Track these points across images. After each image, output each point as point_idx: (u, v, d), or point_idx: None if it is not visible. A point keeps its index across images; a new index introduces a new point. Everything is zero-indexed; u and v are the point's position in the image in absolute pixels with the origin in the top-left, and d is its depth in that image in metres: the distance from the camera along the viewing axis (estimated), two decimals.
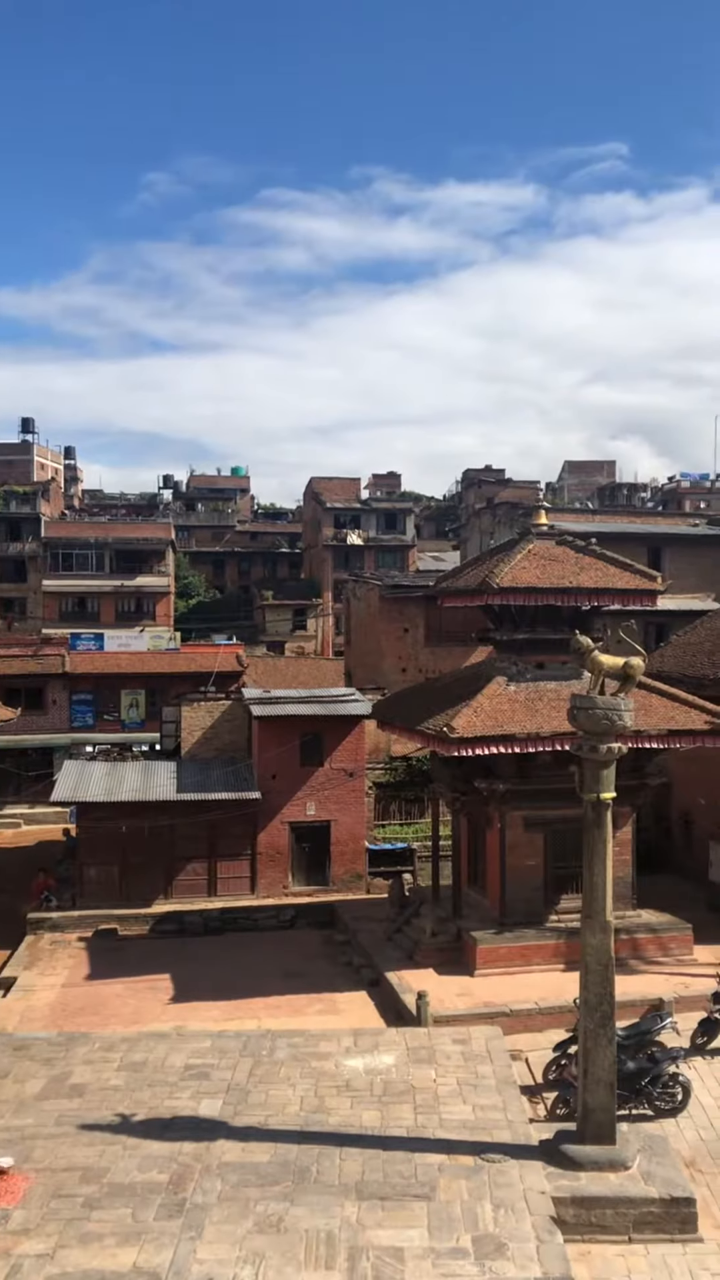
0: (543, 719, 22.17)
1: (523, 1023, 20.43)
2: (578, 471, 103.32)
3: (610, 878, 14.75)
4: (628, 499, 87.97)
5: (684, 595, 38.12)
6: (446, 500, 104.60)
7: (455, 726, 21.58)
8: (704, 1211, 13.96)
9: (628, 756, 17.26)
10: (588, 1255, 13.12)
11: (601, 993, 14.61)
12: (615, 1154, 14.28)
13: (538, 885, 23.66)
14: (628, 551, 28.04)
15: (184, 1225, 12.46)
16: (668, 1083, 16.88)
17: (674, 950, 23.44)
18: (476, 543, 51.23)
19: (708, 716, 23.06)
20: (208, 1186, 13.32)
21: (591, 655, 15.21)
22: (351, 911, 28.19)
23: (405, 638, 42.01)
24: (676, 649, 31.70)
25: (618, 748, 14.69)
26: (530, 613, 23.83)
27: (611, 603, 24.12)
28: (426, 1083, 16.40)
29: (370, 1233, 12.33)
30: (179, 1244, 12.09)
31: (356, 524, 76.08)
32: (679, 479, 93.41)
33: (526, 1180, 13.53)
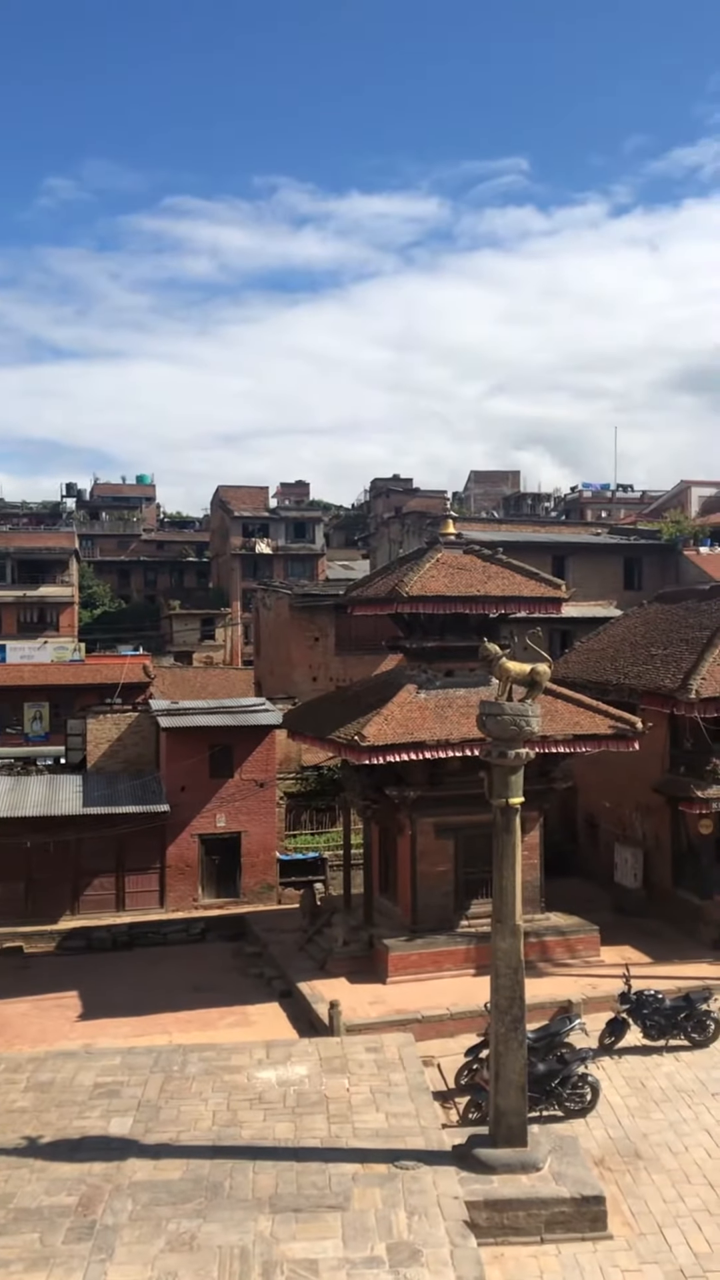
0: (452, 726, 22.37)
1: (435, 1029, 20.53)
2: (483, 481, 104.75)
3: (519, 882, 14.95)
4: (532, 509, 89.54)
5: (587, 603, 38.90)
6: (355, 509, 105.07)
7: (366, 735, 21.64)
8: (614, 1209, 14.21)
9: (535, 761, 17.53)
10: (501, 1258, 13.24)
11: (512, 996, 14.78)
12: (527, 1156, 14.44)
13: (448, 891, 23.83)
14: (533, 560, 28.48)
15: (94, 1248, 12.21)
16: (577, 1083, 17.13)
17: (582, 952, 23.83)
18: (386, 552, 51.48)
19: (611, 721, 23.54)
20: (118, 1207, 13.08)
21: (499, 662, 15.41)
22: (263, 923, 28.03)
23: (316, 647, 41.97)
24: (581, 655, 32.33)
25: (525, 753, 14.91)
26: (439, 621, 24.05)
27: (518, 610, 24.51)
28: (340, 1092, 16.37)
29: (284, 1246, 12.25)
30: (89, 1267, 11.84)
31: (265, 533, 75.88)
32: (581, 489, 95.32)
33: (440, 1186, 13.59)
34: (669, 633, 28.97)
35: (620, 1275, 13.04)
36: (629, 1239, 13.77)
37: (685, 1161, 15.73)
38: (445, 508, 35.35)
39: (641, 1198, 14.77)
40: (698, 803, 24.78)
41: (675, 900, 26.65)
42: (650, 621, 31.19)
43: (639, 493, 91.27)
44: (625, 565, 44.47)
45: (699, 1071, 18.79)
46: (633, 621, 32.56)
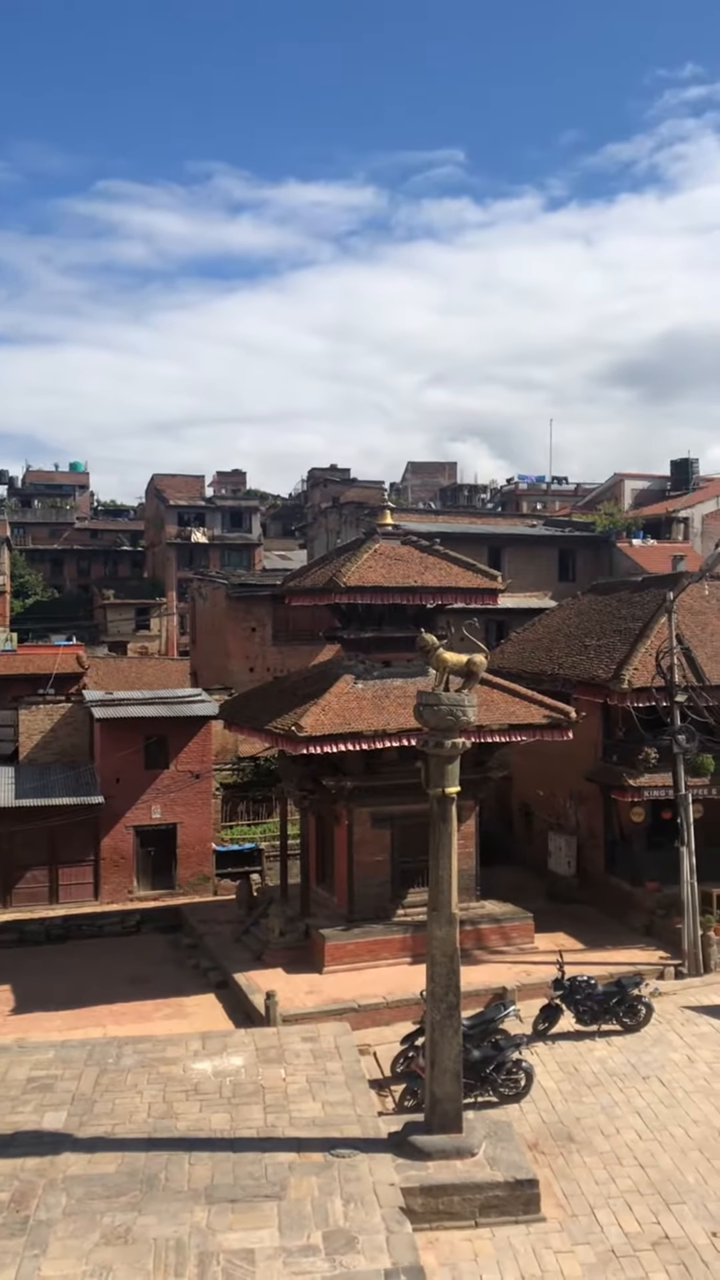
0: (390, 716, 22.44)
1: (371, 1017, 20.63)
2: (420, 472, 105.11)
3: (455, 871, 15.06)
4: (468, 500, 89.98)
5: (523, 594, 39.31)
6: (292, 499, 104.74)
7: (303, 725, 21.62)
8: (546, 1191, 14.42)
9: (471, 751, 17.65)
10: (436, 1242, 13.36)
11: (448, 984, 14.89)
12: (462, 1142, 14.58)
13: (385, 881, 23.94)
14: (469, 551, 28.68)
15: (27, 1244, 12.07)
16: (511, 1069, 17.33)
17: (516, 939, 24.11)
18: (323, 542, 51.42)
19: (546, 711, 23.81)
20: (52, 1201, 12.94)
21: (436, 653, 15.48)
22: (199, 914, 27.91)
23: (252, 637, 41.85)
24: (516, 645, 32.63)
25: (462, 743, 15.00)
26: (377, 611, 24.10)
27: (455, 601, 24.65)
28: (276, 1082, 16.37)
29: (220, 1236, 12.23)
30: (21, 1263, 11.71)
31: (201, 522, 75.34)
32: (516, 481, 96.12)
33: (376, 1173, 13.66)
34: (602, 624, 29.37)
35: (552, 1256, 13.24)
36: (561, 1220, 13.99)
37: (617, 1144, 16.01)
38: (383, 498, 35.39)
39: (574, 1180, 15.01)
40: (630, 791, 25.19)
41: (608, 887, 27.08)
42: (584, 613, 31.59)
43: (573, 485, 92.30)
44: (560, 557, 44.98)
45: (630, 1055, 19.12)
46: (567, 613, 32.94)
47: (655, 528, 49.29)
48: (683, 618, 25.89)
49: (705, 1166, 15.34)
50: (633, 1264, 13.09)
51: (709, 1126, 16.50)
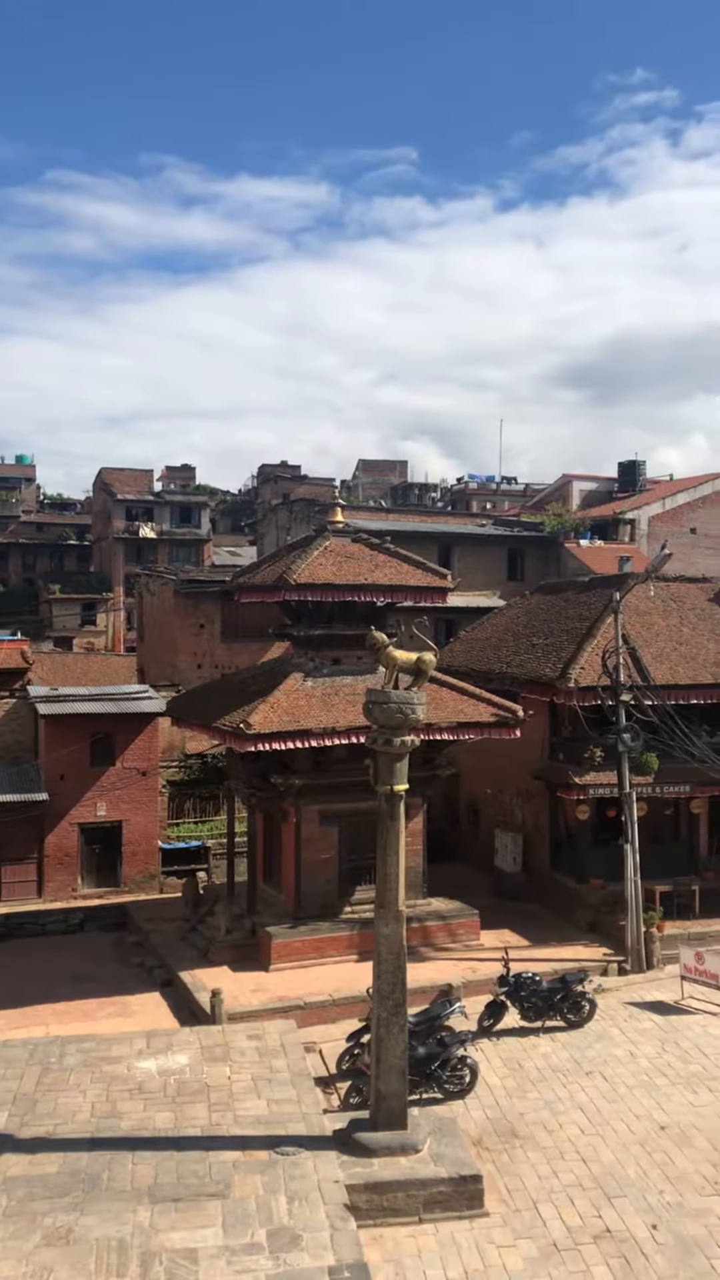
0: (339, 714, 22.44)
1: (317, 1015, 20.62)
2: (371, 470, 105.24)
3: (403, 868, 15.09)
4: (419, 498, 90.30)
5: (472, 592, 39.49)
6: (242, 495, 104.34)
7: (252, 722, 21.55)
8: (490, 1187, 14.51)
9: (420, 749, 17.71)
10: (380, 1239, 13.39)
11: (394, 981, 14.92)
12: (407, 1138, 14.62)
13: (332, 878, 23.93)
14: (419, 550, 28.77)
15: None
16: (456, 1066, 17.41)
17: (462, 936, 24.23)
18: (273, 538, 51.22)
19: (494, 709, 23.96)
20: None
21: (386, 651, 15.50)
22: (144, 912, 27.70)
23: (201, 634, 41.58)
24: (465, 644, 32.80)
25: (411, 740, 15.04)
26: (327, 609, 24.08)
27: (405, 599, 24.71)
28: (221, 1080, 16.31)
29: (163, 1236, 12.15)
30: None
31: (149, 517, 74.75)
32: (467, 480, 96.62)
33: (321, 1170, 13.66)
34: (550, 623, 29.61)
35: (495, 1250, 13.33)
36: (505, 1215, 14.08)
37: (560, 1139, 16.15)
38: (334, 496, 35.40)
39: (517, 1175, 15.12)
40: (575, 788, 25.44)
41: (553, 884, 27.32)
42: (532, 612, 31.84)
43: (522, 485, 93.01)
44: (509, 556, 45.24)
45: (574, 1051, 19.31)
46: (515, 612, 33.17)
47: (602, 529, 49.75)
48: (629, 618, 26.19)
49: (646, 1160, 15.53)
50: (574, 1257, 13.22)
51: (650, 1121, 16.71)
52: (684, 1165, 15.39)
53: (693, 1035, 20.01)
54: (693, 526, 50.85)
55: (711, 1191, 14.70)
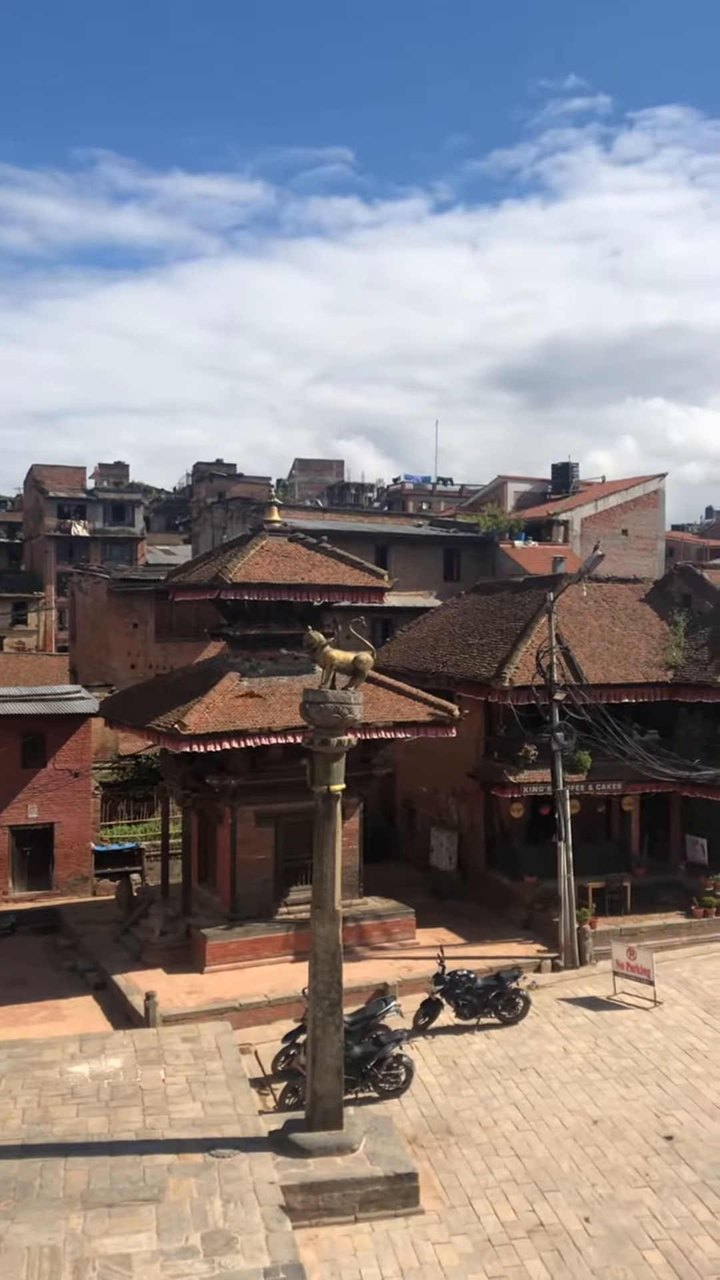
0: (275, 714, 22.37)
1: (252, 1016, 20.53)
2: (308, 469, 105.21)
3: (339, 868, 15.10)
4: (355, 498, 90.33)
5: (408, 592, 39.65)
6: (177, 493, 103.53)
7: (187, 723, 21.39)
8: (425, 1184, 14.58)
9: (356, 748, 17.74)
10: (316, 1239, 13.37)
11: (330, 981, 14.92)
12: (342, 1138, 14.63)
13: (268, 879, 23.85)
14: (356, 550, 28.80)
15: None
16: (392, 1064, 17.46)
17: (398, 935, 24.29)
18: (208, 537, 50.90)
19: (430, 708, 24.07)
20: None
21: (323, 650, 15.49)
22: (77, 915, 27.34)
23: (135, 633, 41.15)
24: (402, 644, 32.92)
25: (347, 740, 15.05)
26: (263, 608, 24.00)
27: (342, 599, 24.72)
28: (155, 1083, 16.17)
29: (97, 1242, 12.01)
30: None
31: (82, 515, 73.83)
32: (403, 481, 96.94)
33: (256, 1172, 13.61)
34: (485, 623, 29.85)
35: (430, 1248, 13.39)
36: (440, 1212, 14.16)
37: (494, 1135, 16.28)
38: (270, 494, 35.22)
39: (452, 1172, 15.21)
40: (510, 787, 25.66)
41: (488, 882, 27.53)
42: (468, 612, 32.05)
43: (458, 486, 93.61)
44: (445, 557, 45.51)
45: (508, 1048, 19.47)
46: (451, 612, 33.37)
47: (536, 530, 50.28)
48: (562, 618, 26.49)
49: (579, 1154, 15.72)
50: (508, 1252, 13.34)
51: (583, 1115, 16.92)
52: (616, 1158, 15.61)
53: (624, 1030, 20.30)
54: (624, 528, 51.65)
55: (642, 1183, 14.93)
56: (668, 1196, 14.59)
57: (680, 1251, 13.36)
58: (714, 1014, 21.00)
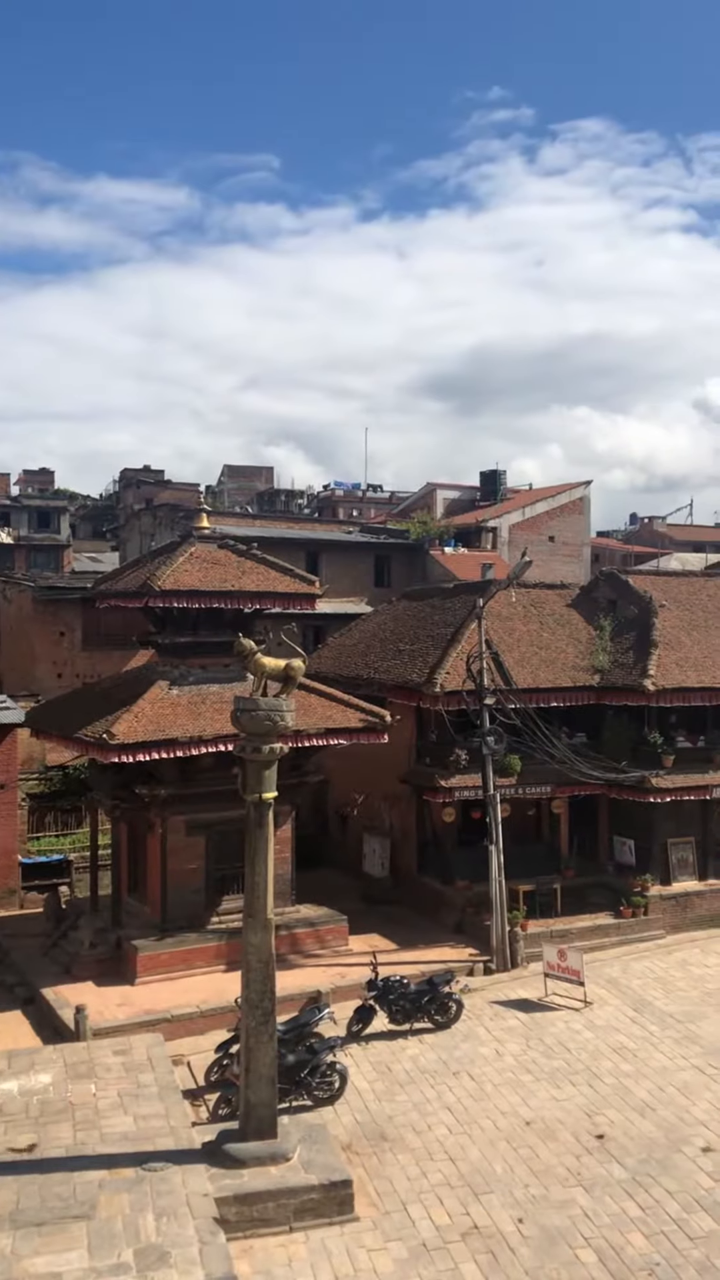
0: (206, 722, 22.22)
1: (185, 1027, 20.35)
2: (237, 476, 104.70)
3: (271, 876, 15.04)
4: (285, 505, 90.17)
5: (340, 599, 39.68)
6: (104, 500, 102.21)
7: (115, 732, 21.15)
8: (360, 1191, 14.58)
9: (288, 756, 17.68)
10: (250, 1250, 13.29)
11: (263, 990, 14.85)
12: (276, 1147, 14.57)
13: (199, 889, 23.66)
14: (287, 556, 28.74)
15: None
16: (326, 1072, 17.43)
17: (331, 942, 24.27)
18: (136, 544, 50.40)
19: (362, 715, 24.11)
20: None
21: (254, 658, 15.44)
22: (4, 928, 26.83)
23: (61, 641, 40.56)
24: (333, 650, 32.93)
25: (280, 748, 15.01)
26: (193, 616, 23.84)
27: (273, 606, 24.64)
28: (86, 1098, 15.94)
29: (26, 1262, 11.79)
30: None
31: (6, 522, 72.58)
32: (333, 487, 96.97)
33: (189, 1185, 13.48)
34: (416, 629, 30.00)
35: (365, 1255, 13.39)
36: (375, 1219, 14.17)
37: (428, 1140, 16.34)
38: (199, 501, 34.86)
39: (387, 1178, 15.23)
40: (441, 792, 25.80)
41: (421, 887, 27.64)
42: (399, 618, 32.18)
43: (388, 493, 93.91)
44: (376, 563, 45.64)
45: (441, 1052, 19.56)
46: (382, 618, 33.48)
47: (466, 536, 50.73)
48: (491, 623, 26.73)
49: (512, 1156, 15.85)
50: (443, 1256, 13.39)
51: (516, 1117, 17.06)
52: (548, 1158, 15.76)
53: (556, 1031, 20.52)
54: (551, 534, 52.37)
55: (574, 1183, 15.10)
56: (599, 1195, 14.78)
57: (612, 1249, 13.54)
58: (643, 1013, 21.35)
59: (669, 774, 26.84)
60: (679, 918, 26.68)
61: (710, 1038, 20.09)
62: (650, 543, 77.28)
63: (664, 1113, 17.16)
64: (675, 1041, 19.97)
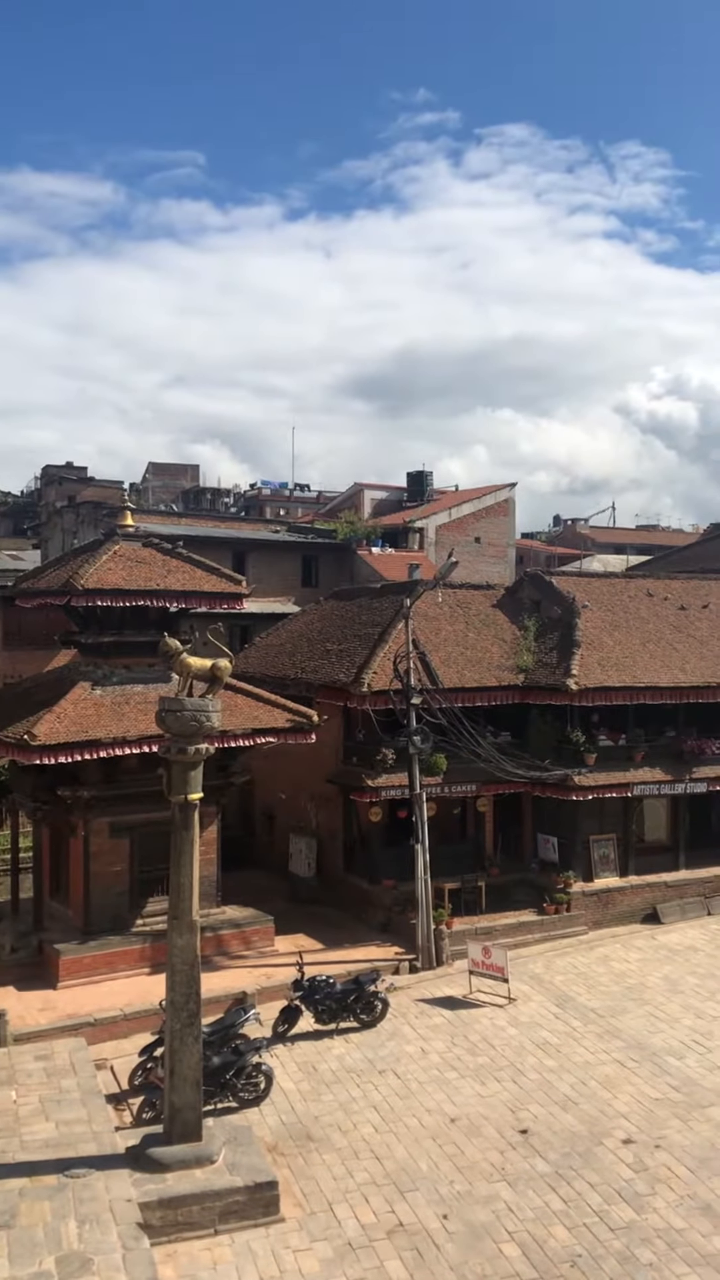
0: (130, 723, 21.99)
1: (108, 1031, 20.10)
2: (162, 474, 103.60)
3: (197, 878, 14.94)
4: (211, 503, 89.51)
5: (267, 598, 39.58)
6: (25, 497, 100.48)
7: (37, 734, 20.82)
8: (286, 1192, 14.55)
9: (215, 756, 17.59)
10: (175, 1255, 13.19)
11: (188, 992, 14.75)
12: (201, 1150, 14.48)
13: (123, 891, 23.40)
14: (213, 555, 28.56)
15: None
16: (251, 1073, 17.36)
17: (257, 943, 24.19)
18: (59, 542, 49.66)
19: (289, 715, 24.06)
20: None
21: (180, 658, 15.32)
22: None
23: None
24: (260, 650, 32.83)
25: (206, 748, 14.92)
26: (117, 615, 23.56)
27: (199, 605, 24.46)
28: (6, 1104, 15.67)
29: None
30: None
31: None
32: (260, 486, 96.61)
33: (112, 1190, 13.33)
34: (344, 629, 30.03)
35: (291, 1256, 13.37)
36: (300, 1219, 14.15)
37: (354, 1139, 16.37)
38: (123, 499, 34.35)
39: (313, 1178, 15.22)
40: (368, 791, 25.88)
41: (347, 886, 27.68)
42: (326, 618, 32.19)
43: (315, 493, 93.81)
44: (303, 562, 45.60)
45: (367, 1051, 19.61)
46: (310, 618, 33.47)
47: (393, 537, 50.95)
48: (418, 623, 26.88)
49: (437, 1153, 15.96)
50: (368, 1254, 13.43)
51: (441, 1114, 17.18)
52: (473, 1154, 15.90)
53: (480, 1028, 20.70)
54: (477, 535, 52.86)
55: (499, 1178, 15.25)
56: (523, 1189, 14.95)
57: (535, 1242, 13.71)
58: (566, 1008, 21.65)
59: (591, 772, 27.27)
60: (601, 914, 27.12)
61: (631, 1032, 20.45)
62: (574, 544, 78.43)
63: (586, 1107, 17.42)
64: (597, 1036, 20.28)
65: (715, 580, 35.38)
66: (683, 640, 30.47)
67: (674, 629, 30.96)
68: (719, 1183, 15.07)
